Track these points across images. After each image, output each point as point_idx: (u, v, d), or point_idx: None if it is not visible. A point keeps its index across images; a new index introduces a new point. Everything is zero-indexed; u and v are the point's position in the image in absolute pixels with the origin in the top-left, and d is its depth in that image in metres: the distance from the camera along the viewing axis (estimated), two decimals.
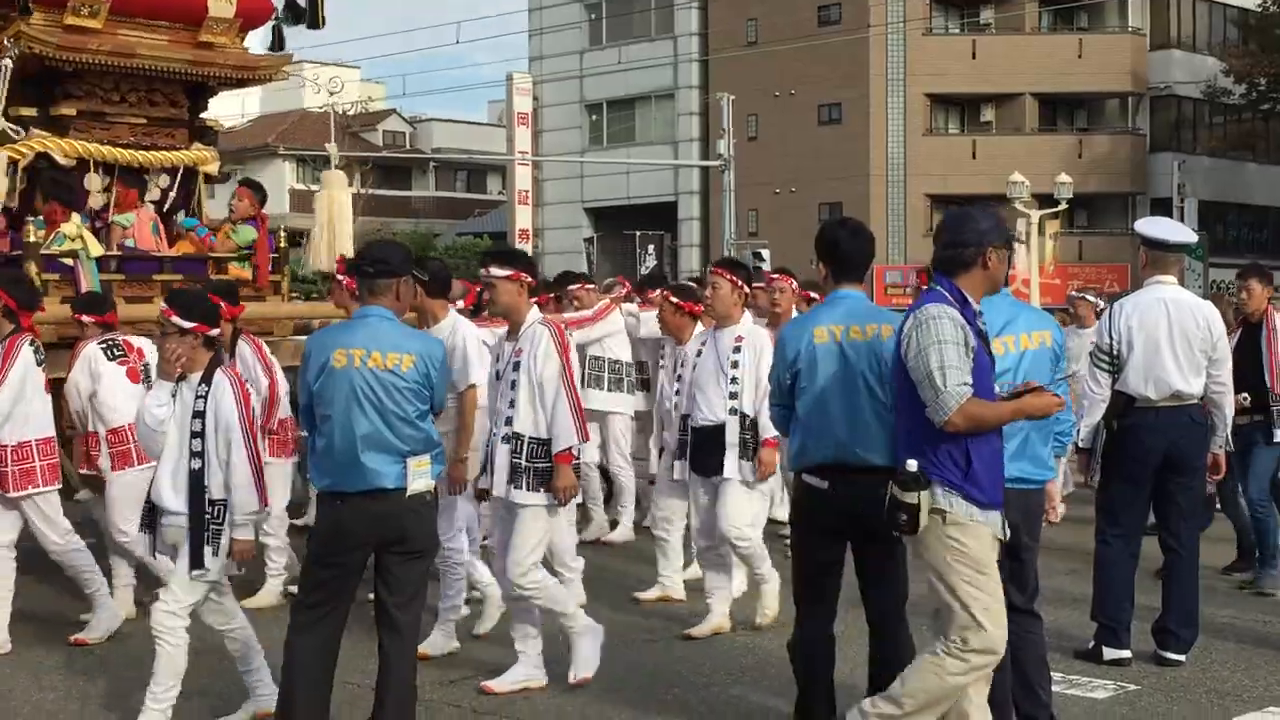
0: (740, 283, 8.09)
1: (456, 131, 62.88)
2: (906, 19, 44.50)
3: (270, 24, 12.18)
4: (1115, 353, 7.45)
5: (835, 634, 6.03)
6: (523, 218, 46.28)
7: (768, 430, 7.73)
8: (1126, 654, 7.50)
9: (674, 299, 9.02)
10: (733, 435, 7.95)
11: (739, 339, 8.03)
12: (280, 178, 57.13)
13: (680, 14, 48.85)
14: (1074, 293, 13.77)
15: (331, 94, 33.44)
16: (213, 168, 11.74)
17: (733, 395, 7.98)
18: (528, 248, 45.85)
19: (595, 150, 49.87)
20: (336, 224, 11.72)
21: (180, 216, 11.57)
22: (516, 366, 6.77)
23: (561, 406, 6.70)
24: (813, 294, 10.15)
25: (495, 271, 6.80)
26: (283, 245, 11.77)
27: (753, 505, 8.15)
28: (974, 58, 45.33)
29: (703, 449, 8.06)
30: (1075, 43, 46.00)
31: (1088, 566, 7.95)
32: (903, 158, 45.25)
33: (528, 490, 6.77)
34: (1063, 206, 37.70)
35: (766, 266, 35.03)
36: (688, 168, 47.35)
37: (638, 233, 45.12)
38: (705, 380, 8.07)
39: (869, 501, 5.59)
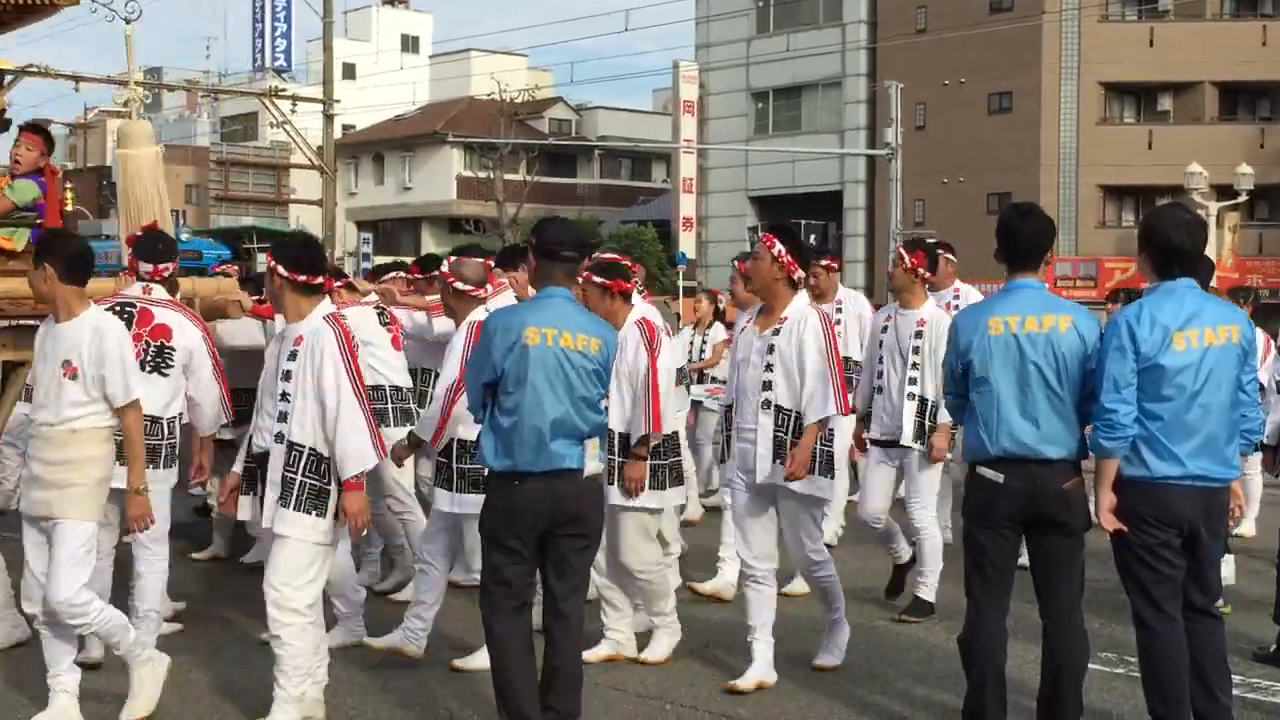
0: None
1: (622, 119, 63.14)
2: (1082, 5, 43.56)
3: None
4: None
5: (1007, 628, 5.90)
6: (687, 205, 46.44)
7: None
8: None
9: (598, 279, 7.23)
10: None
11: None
12: (448, 165, 58.02)
13: (849, 1, 48.43)
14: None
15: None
16: None
17: None
18: (691, 236, 45.99)
19: (761, 138, 49.73)
20: (137, 189, 9.00)
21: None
22: None
23: None
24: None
25: None
26: (69, 208, 9.55)
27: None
28: (1151, 45, 44.18)
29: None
30: (1259, 29, 44.54)
31: (1270, 567, 7.71)
32: (1075, 147, 44.32)
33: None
34: (1243, 198, 36.71)
35: None
36: (854, 156, 46.99)
37: (802, 222, 44.97)
38: None
39: (1046, 494, 5.58)
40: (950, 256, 11.11)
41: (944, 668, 7.06)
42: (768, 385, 6.81)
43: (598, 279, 7.15)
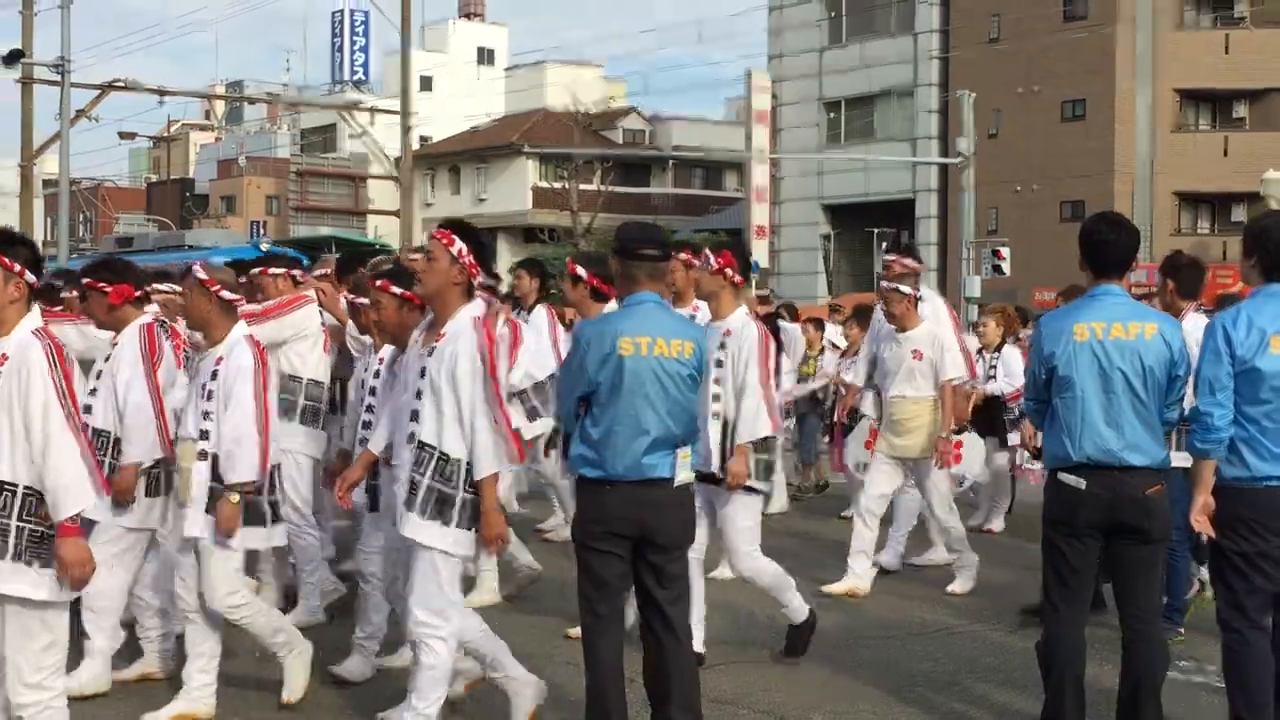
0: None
1: (695, 129, 63.11)
2: (1156, 13, 43.19)
3: None
4: None
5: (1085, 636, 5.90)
6: (760, 215, 46.41)
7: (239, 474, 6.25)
8: None
9: (396, 289, 6.57)
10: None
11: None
12: (523, 175, 58.34)
13: (921, 10, 48.27)
14: (886, 283, 9.61)
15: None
16: None
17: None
18: (764, 245, 45.99)
19: (833, 147, 49.62)
20: None
21: None
22: None
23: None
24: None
25: None
26: None
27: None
28: (1227, 52, 43.72)
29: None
30: None
31: None
32: (1150, 155, 43.93)
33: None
34: None
35: (1006, 266, 34.63)
36: (926, 165, 46.82)
37: (875, 230, 44.88)
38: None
39: (1127, 501, 5.60)
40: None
41: (1020, 675, 7.08)
42: (415, 415, 5.77)
43: (395, 289, 6.43)
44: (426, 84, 60.73)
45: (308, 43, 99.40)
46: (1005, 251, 35.43)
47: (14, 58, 32.41)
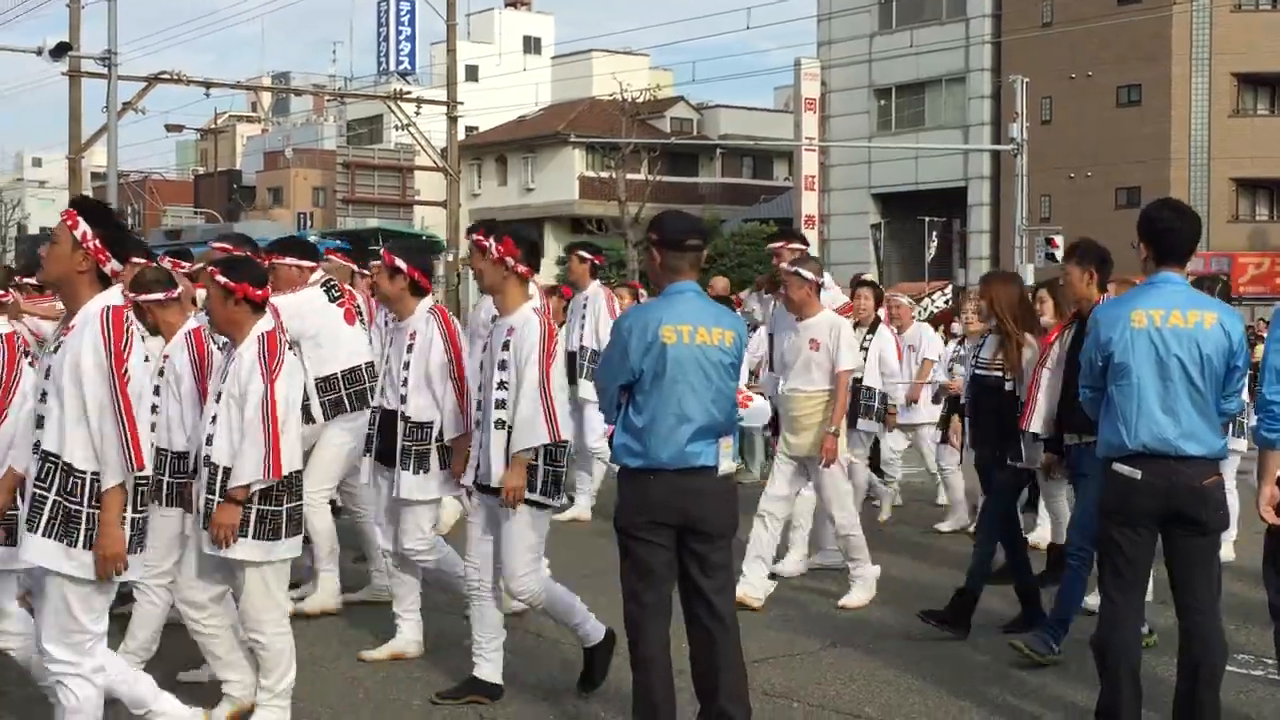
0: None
1: (743, 118, 63.03)
2: None
3: None
4: None
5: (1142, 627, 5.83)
6: (809, 204, 46.24)
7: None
8: None
9: (221, 278, 5.98)
10: None
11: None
12: (570, 165, 58.34)
13: None
14: (786, 266, 9.09)
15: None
16: None
17: None
18: (813, 234, 45.69)
19: (883, 135, 49.38)
20: None
21: None
22: None
23: None
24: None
25: None
26: None
27: None
28: None
29: None
30: None
31: None
32: (1206, 140, 43.46)
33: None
34: None
35: (1060, 254, 34.33)
36: (978, 152, 46.50)
37: (926, 219, 44.61)
38: None
39: (1182, 490, 5.50)
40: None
41: (1077, 668, 6.97)
42: (40, 420, 5.07)
43: (221, 278, 5.89)
44: (472, 74, 60.85)
45: (354, 34, 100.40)
46: (1059, 239, 35.18)
47: (61, 50, 32.56)
